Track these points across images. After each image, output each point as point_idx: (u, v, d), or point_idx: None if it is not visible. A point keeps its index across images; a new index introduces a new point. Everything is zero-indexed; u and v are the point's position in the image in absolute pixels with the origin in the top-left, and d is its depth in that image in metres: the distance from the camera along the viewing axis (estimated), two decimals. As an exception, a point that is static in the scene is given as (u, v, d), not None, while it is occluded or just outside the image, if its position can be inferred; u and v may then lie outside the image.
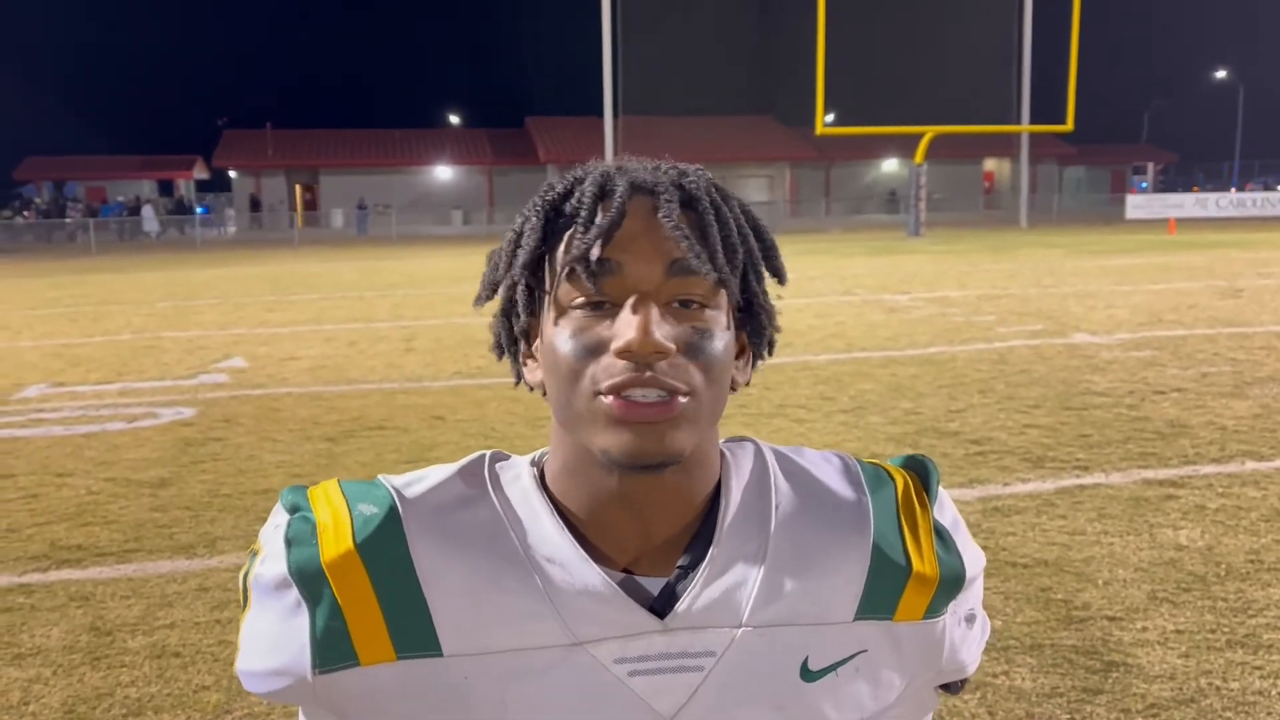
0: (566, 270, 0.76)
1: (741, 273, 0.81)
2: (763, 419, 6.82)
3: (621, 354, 0.73)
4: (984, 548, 4.27)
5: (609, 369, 0.74)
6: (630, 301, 0.75)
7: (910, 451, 5.94)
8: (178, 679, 3.30)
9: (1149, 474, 5.32)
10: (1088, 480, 5.23)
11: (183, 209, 47.24)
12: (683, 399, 0.74)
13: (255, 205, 48.93)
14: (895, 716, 0.86)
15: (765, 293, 0.85)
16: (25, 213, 45.01)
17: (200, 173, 54.88)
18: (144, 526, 4.84)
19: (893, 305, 13.28)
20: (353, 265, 24.19)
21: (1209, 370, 8.13)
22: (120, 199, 47.33)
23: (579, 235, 0.76)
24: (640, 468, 0.75)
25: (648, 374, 0.73)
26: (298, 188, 50.64)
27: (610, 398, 0.74)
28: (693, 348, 0.76)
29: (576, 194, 0.79)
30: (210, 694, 3.18)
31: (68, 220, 41.58)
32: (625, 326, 0.74)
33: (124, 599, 3.97)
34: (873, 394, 7.58)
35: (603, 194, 0.78)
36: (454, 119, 59.81)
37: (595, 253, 0.75)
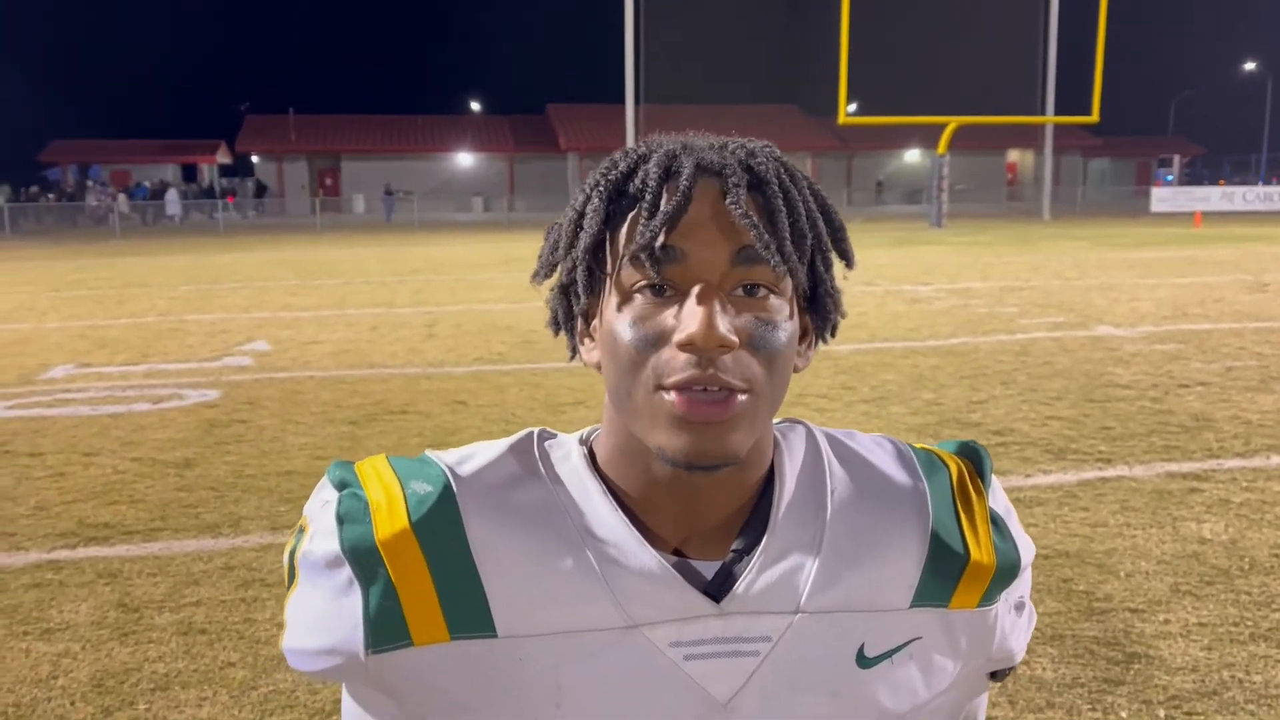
0: (629, 256, 0.74)
1: (809, 258, 0.79)
2: (784, 409, 6.78)
3: (684, 346, 0.72)
4: (1005, 538, 4.27)
5: (671, 362, 0.73)
6: (695, 291, 0.73)
7: (931, 443, 5.93)
8: (204, 655, 3.34)
9: (1172, 467, 5.29)
10: (1110, 473, 5.21)
11: (211, 194, 47.48)
12: (742, 396, 0.73)
13: (260, 191, 49.04)
14: (946, 702, 0.86)
15: (832, 277, 0.83)
16: (50, 195, 45.36)
17: (223, 157, 55.16)
18: (170, 506, 4.90)
19: (915, 296, 13.23)
20: (375, 251, 24.29)
21: (1234, 364, 8.07)
22: (146, 183, 47.65)
23: (643, 220, 0.74)
24: (696, 468, 0.74)
25: (710, 370, 0.72)
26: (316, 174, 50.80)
27: (671, 394, 0.72)
28: (756, 340, 0.74)
29: (640, 174, 0.76)
30: (236, 670, 3.22)
31: (94, 203, 41.90)
32: (689, 318, 0.72)
33: (151, 576, 4.02)
34: (894, 384, 7.56)
35: (668, 175, 0.75)
36: (475, 106, 59.88)
37: (660, 240, 0.73)
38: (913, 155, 54.60)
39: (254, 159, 51.60)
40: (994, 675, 0.90)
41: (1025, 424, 6.23)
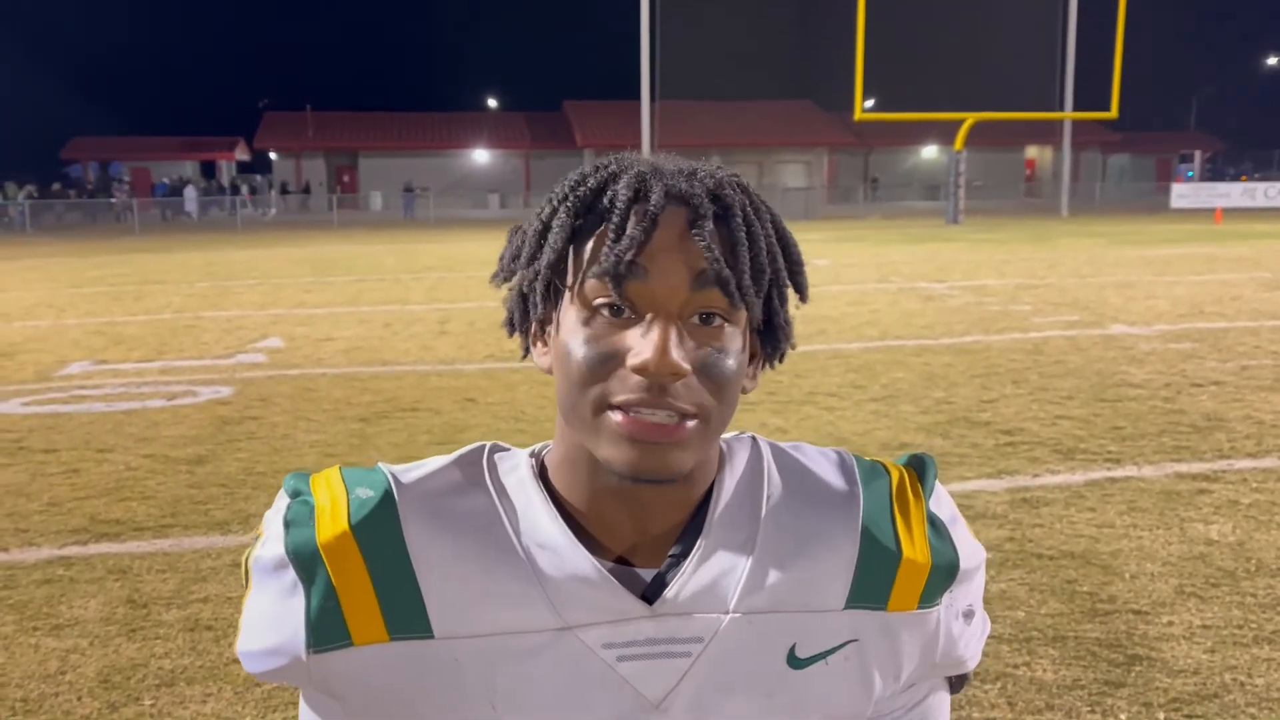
0: (592, 274, 0.76)
1: (765, 291, 0.80)
2: (793, 406, 6.82)
3: (638, 370, 0.73)
4: (1010, 538, 4.26)
5: (622, 383, 0.74)
6: (650, 318, 0.74)
7: (940, 441, 5.97)
8: (210, 651, 3.38)
9: (1182, 467, 5.26)
10: (1119, 473, 5.19)
11: (235, 189, 47.74)
12: (691, 422, 0.75)
13: (305, 189, 49.32)
14: (897, 708, 0.87)
15: (786, 310, 0.84)
16: (71, 192, 45.73)
17: (241, 154, 55.47)
18: (180, 502, 4.95)
19: (929, 293, 13.18)
20: (390, 248, 24.37)
21: (1249, 363, 8.01)
22: (165, 180, 47.98)
23: (609, 243, 0.75)
24: (641, 481, 0.76)
25: (660, 396, 0.73)
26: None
27: (619, 413, 0.74)
28: (708, 368, 0.75)
29: (609, 193, 0.78)
30: (240, 667, 3.25)
31: (113, 200, 42.21)
32: (645, 345, 0.73)
33: (160, 573, 4.07)
34: (905, 383, 7.54)
35: (636, 198, 0.77)
36: (492, 102, 59.96)
37: (625, 260, 0.74)
38: (930, 151, 54.35)
39: (272, 156, 51.86)
40: (952, 688, 0.91)
41: (1035, 423, 6.21)
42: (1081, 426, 6.12)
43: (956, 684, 0.91)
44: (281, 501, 0.84)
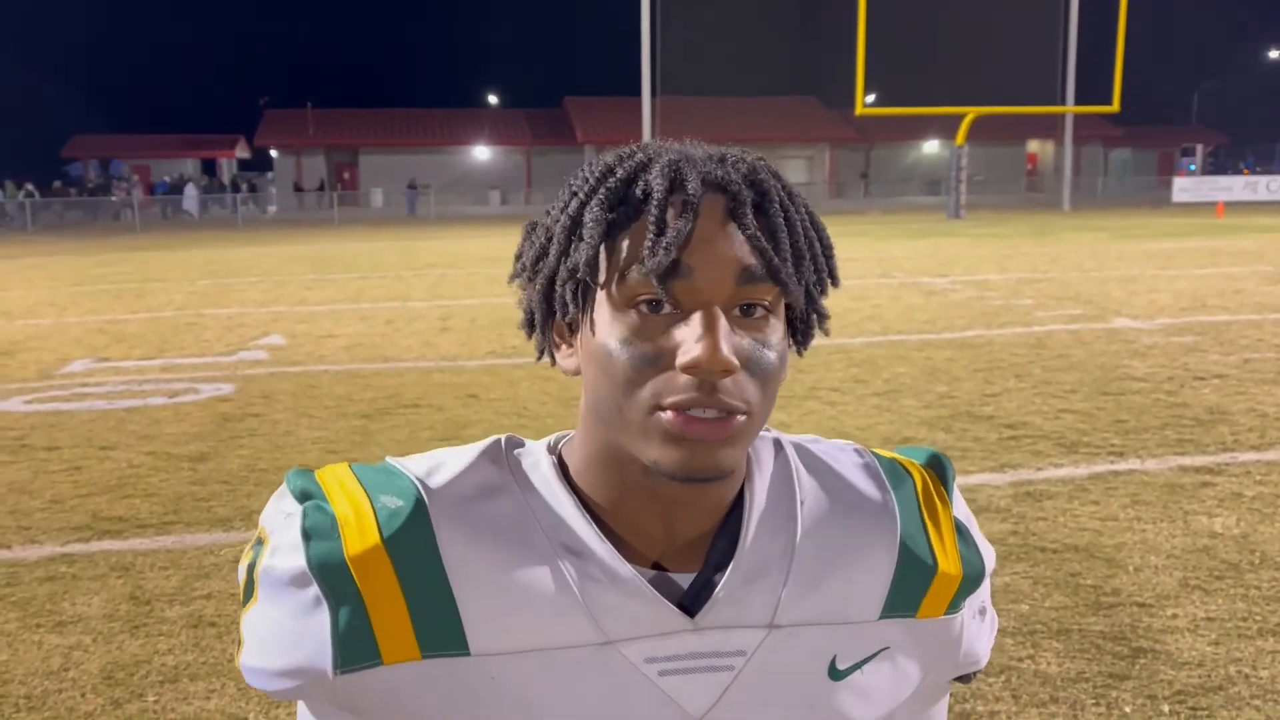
0: (637, 271, 0.71)
1: (807, 278, 0.78)
2: (795, 401, 6.81)
3: (689, 369, 0.70)
4: (1014, 532, 4.26)
5: (671, 384, 0.71)
6: (700, 315, 0.71)
7: (943, 435, 5.97)
8: (213, 648, 3.37)
9: (1185, 460, 5.25)
10: (1122, 466, 5.18)
11: (236, 187, 47.72)
12: (740, 418, 0.72)
13: (298, 188, 49.32)
14: (911, 707, 0.86)
15: (822, 298, 0.81)
16: (72, 190, 45.74)
17: (242, 152, 55.45)
18: (183, 499, 4.95)
19: (931, 288, 13.17)
20: (391, 245, 24.37)
21: (1252, 356, 7.99)
22: (166, 178, 47.99)
23: (651, 237, 0.71)
24: (690, 481, 0.73)
25: (712, 394, 0.70)
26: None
27: (670, 413, 0.71)
28: (753, 363, 0.73)
29: (641, 183, 0.73)
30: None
31: (114, 198, 42.22)
32: (695, 342, 0.70)
33: (163, 570, 4.07)
34: (907, 377, 7.53)
35: (672, 188, 0.72)
36: (492, 99, 59.93)
37: (673, 254, 0.70)
38: (931, 146, 54.27)
39: (273, 153, 51.85)
40: (960, 678, 0.91)
41: (1038, 417, 6.20)
42: (1084, 420, 6.11)
43: (968, 678, 0.91)
44: (288, 504, 0.79)
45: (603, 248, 0.74)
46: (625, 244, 0.73)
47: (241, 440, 6.05)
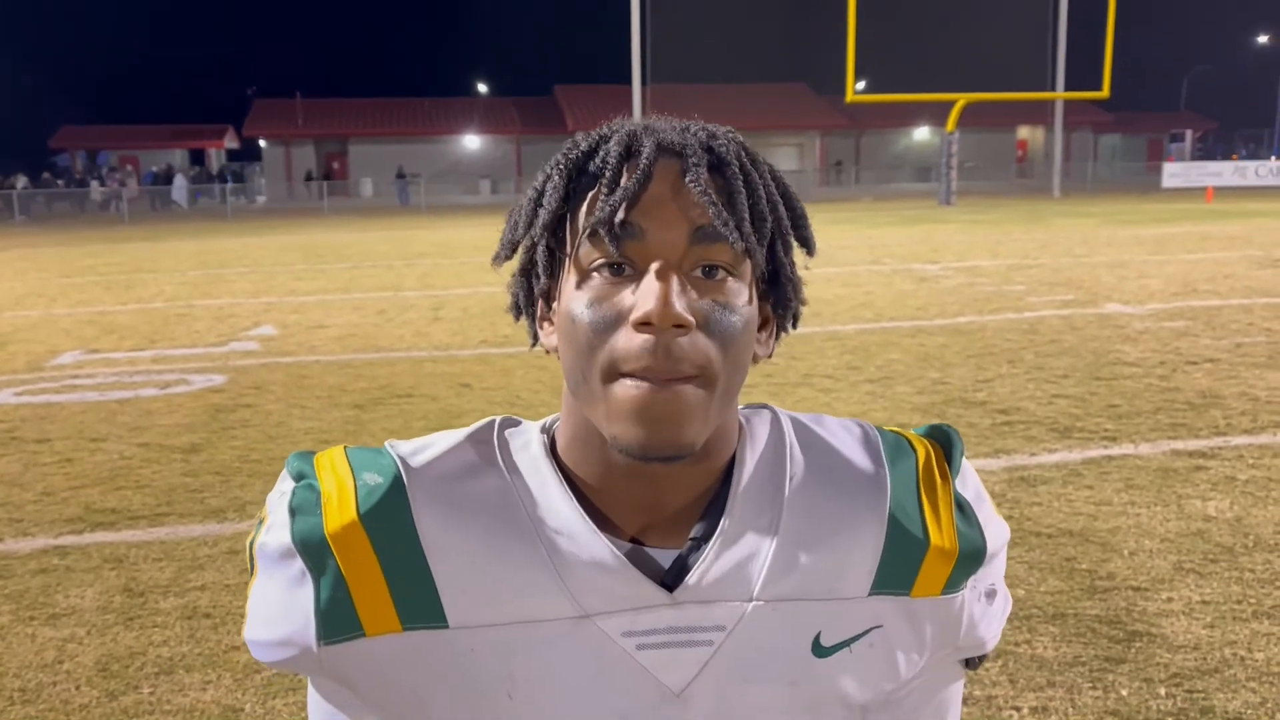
0: (588, 232, 0.74)
1: (769, 242, 0.78)
2: (788, 388, 6.81)
3: (640, 325, 0.71)
4: (1009, 518, 4.26)
5: (628, 345, 0.72)
6: (653, 269, 0.72)
7: (938, 420, 5.97)
8: (208, 639, 3.36)
9: (1178, 445, 5.27)
10: (1115, 451, 5.19)
11: (224, 178, 47.45)
12: (695, 385, 0.72)
13: (326, 175, 48.82)
14: (916, 690, 0.84)
15: (793, 264, 0.82)
16: (60, 181, 45.46)
17: (231, 142, 55.19)
18: (176, 491, 4.92)
19: (922, 274, 13.17)
20: (381, 235, 24.28)
21: (1243, 340, 8.02)
22: (154, 168, 47.71)
23: (603, 197, 0.74)
24: (651, 459, 0.73)
25: (666, 357, 0.71)
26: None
27: (627, 381, 0.72)
28: (712, 323, 0.73)
29: (601, 153, 0.76)
30: (240, 654, 3.24)
31: (103, 188, 41.96)
32: (646, 296, 0.71)
33: (156, 561, 4.05)
34: (900, 364, 7.54)
35: (628, 154, 0.75)
36: (482, 88, 59.72)
37: (619, 216, 0.73)
38: (922, 133, 54.25)
39: (262, 143, 51.60)
40: (967, 662, 0.89)
41: (1031, 403, 6.21)
42: (1078, 405, 6.12)
43: (974, 662, 0.89)
44: (285, 484, 0.81)
45: (568, 218, 0.77)
46: (584, 211, 0.75)
47: (234, 431, 6.02)
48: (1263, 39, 66.06)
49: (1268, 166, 40.72)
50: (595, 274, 0.74)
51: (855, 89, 31.57)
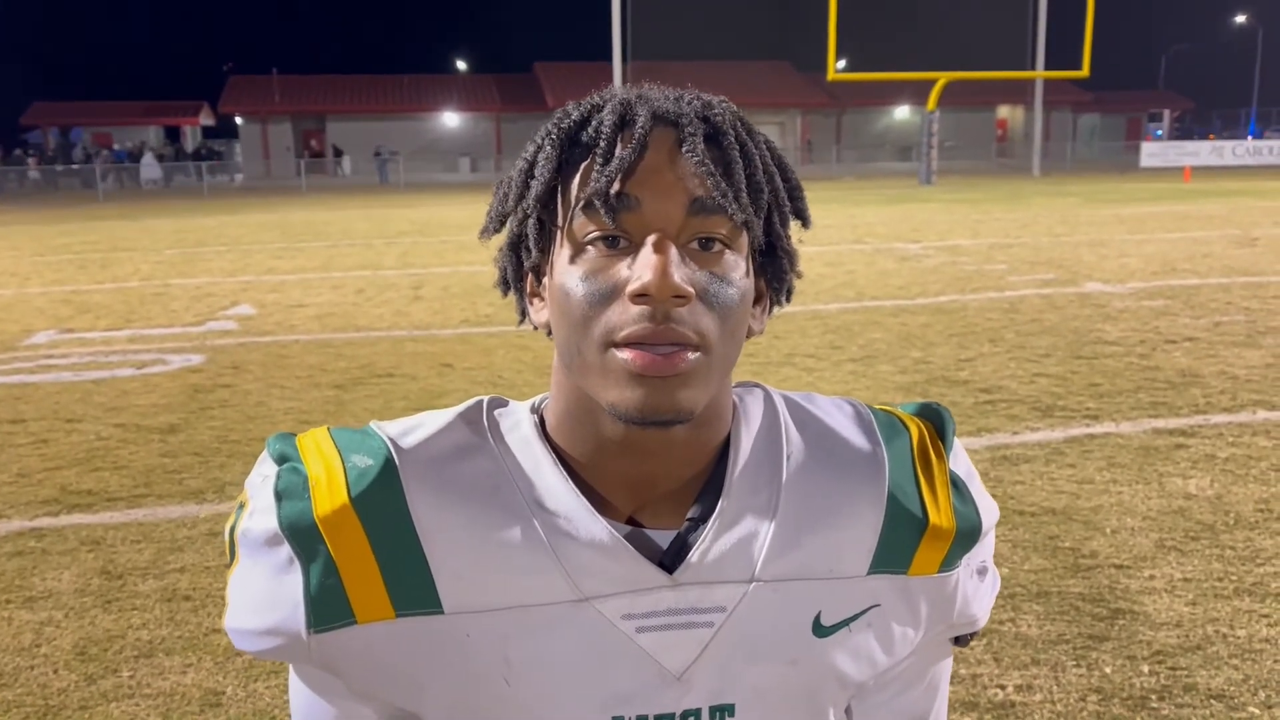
0: (582, 204, 0.72)
1: (765, 214, 0.77)
2: (771, 368, 6.80)
3: (637, 298, 0.69)
4: (992, 496, 4.26)
5: (624, 316, 0.70)
6: (650, 241, 0.70)
7: (920, 399, 5.92)
8: (188, 622, 3.33)
9: (1159, 423, 5.30)
10: (1097, 429, 5.21)
11: (200, 156, 46.86)
12: (694, 353, 0.71)
13: (339, 153, 47.88)
14: (907, 668, 0.85)
15: (789, 236, 0.80)
16: (31, 158, 44.80)
17: (206, 119, 54.52)
18: (154, 472, 4.87)
19: (904, 254, 13.18)
20: (360, 213, 24.08)
21: (1222, 319, 8.07)
22: (117, 146, 47.04)
23: (597, 168, 0.71)
24: (649, 424, 0.71)
25: (663, 324, 0.69)
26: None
27: (625, 350, 0.70)
28: (710, 295, 0.71)
29: (594, 122, 0.74)
30: (220, 637, 3.21)
31: (75, 166, 41.39)
32: (643, 268, 0.69)
33: (134, 543, 4.00)
34: (882, 343, 7.54)
35: (622, 124, 0.73)
36: (461, 65, 59.28)
37: (615, 188, 0.70)
38: (902, 112, 54.25)
39: (238, 120, 51.03)
40: (957, 640, 0.89)
41: (1013, 381, 6.23)
42: (1059, 384, 6.14)
43: (964, 640, 0.89)
44: (267, 467, 0.79)
45: (560, 190, 0.75)
46: (577, 183, 0.73)
47: (212, 411, 5.96)
48: (1240, 19, 66.36)
49: (1244, 146, 40.99)
50: (589, 247, 0.72)
51: (836, 67, 31.52)
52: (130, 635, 3.25)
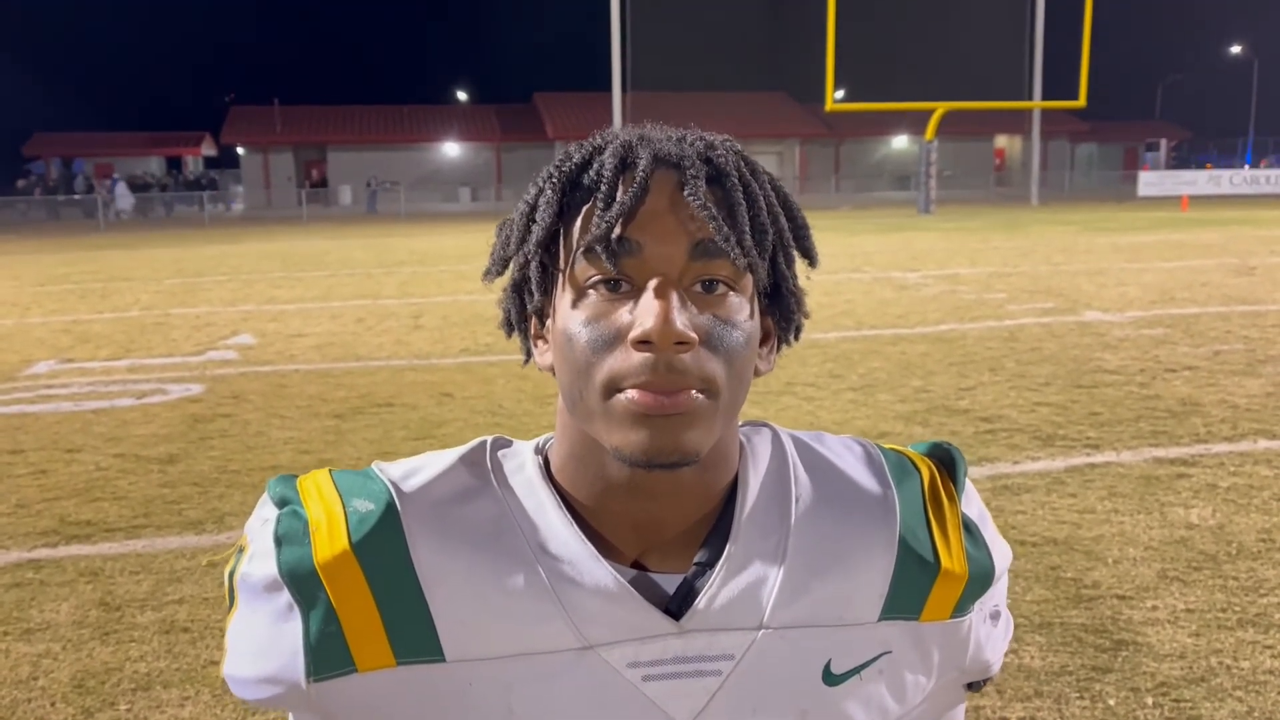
0: (583, 249, 0.71)
1: (770, 255, 0.76)
2: (771, 397, 6.80)
3: (640, 345, 0.68)
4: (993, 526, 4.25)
5: (627, 364, 0.69)
6: (652, 286, 0.69)
7: (920, 430, 5.99)
8: (186, 654, 3.30)
9: (1160, 452, 5.29)
10: (1098, 459, 5.20)
11: (199, 185, 46.99)
12: (700, 395, 0.70)
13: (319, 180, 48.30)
14: (920, 716, 0.83)
15: (794, 276, 0.79)
16: (37, 189, 44.94)
17: (208, 149, 54.81)
18: (153, 502, 4.85)
19: (903, 283, 13.21)
20: (361, 242, 24.16)
21: (1221, 348, 8.07)
22: (115, 177, 47.16)
23: (598, 212, 0.70)
24: (655, 466, 0.70)
25: (668, 373, 0.68)
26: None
27: (629, 393, 0.69)
28: (714, 339, 0.70)
29: (595, 165, 0.73)
30: (218, 669, 3.18)
31: (77, 196, 41.48)
32: (645, 314, 0.68)
33: (133, 574, 3.98)
34: (882, 372, 7.55)
35: (624, 166, 0.72)
36: (461, 95, 59.69)
37: (616, 232, 0.70)
38: (900, 141, 54.56)
39: (239, 150, 51.29)
40: (970, 686, 0.87)
41: (1013, 410, 6.23)
42: (1059, 413, 6.14)
43: (978, 685, 0.88)
44: (267, 510, 0.78)
45: (562, 233, 0.74)
46: (578, 226, 0.72)
47: (212, 441, 5.95)
48: (1235, 49, 66.87)
49: (1241, 175, 41.21)
50: (591, 291, 0.71)
51: (835, 98, 31.74)
52: (128, 668, 3.22)
